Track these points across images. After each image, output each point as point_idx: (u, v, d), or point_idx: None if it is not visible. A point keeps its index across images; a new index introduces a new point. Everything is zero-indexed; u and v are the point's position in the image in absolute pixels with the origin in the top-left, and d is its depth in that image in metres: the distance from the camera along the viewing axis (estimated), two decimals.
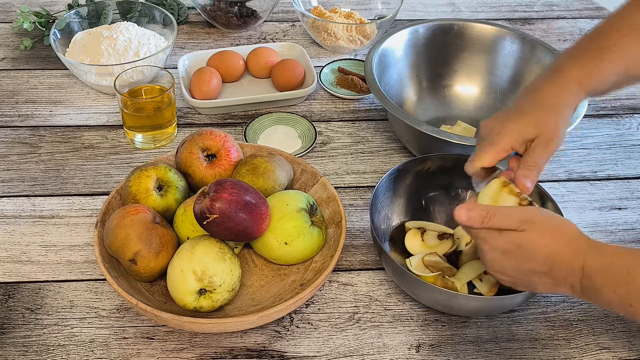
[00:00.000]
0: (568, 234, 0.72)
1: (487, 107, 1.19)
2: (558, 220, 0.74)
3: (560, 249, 0.71)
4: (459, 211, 0.74)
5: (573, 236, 0.72)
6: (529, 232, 0.72)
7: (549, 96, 0.81)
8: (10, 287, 0.90)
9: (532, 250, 0.72)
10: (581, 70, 0.81)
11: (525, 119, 0.80)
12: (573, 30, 1.45)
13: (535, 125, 0.79)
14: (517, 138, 0.79)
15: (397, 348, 0.85)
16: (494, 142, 0.80)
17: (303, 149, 1.11)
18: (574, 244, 0.71)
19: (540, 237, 0.71)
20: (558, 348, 0.86)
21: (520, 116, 0.80)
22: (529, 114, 0.80)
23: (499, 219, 0.73)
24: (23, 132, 1.14)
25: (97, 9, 1.31)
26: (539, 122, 0.79)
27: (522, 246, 0.72)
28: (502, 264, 0.74)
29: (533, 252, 0.72)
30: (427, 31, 1.19)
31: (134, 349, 0.84)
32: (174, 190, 0.91)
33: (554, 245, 0.71)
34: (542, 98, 0.81)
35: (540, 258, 0.71)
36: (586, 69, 0.81)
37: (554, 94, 0.81)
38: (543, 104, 0.81)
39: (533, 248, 0.71)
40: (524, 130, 0.79)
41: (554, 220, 0.74)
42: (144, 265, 0.83)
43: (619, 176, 1.11)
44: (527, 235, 0.72)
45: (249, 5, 1.36)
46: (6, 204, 1.02)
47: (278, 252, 0.88)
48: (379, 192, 0.92)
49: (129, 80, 1.12)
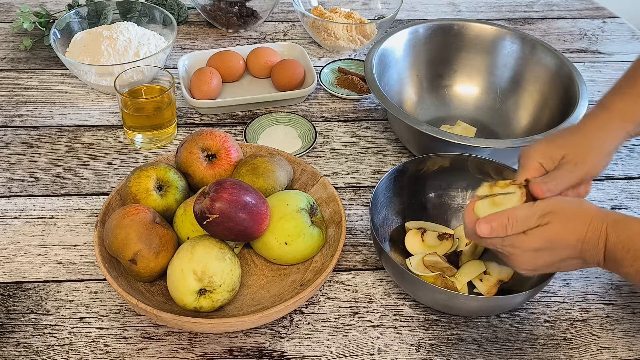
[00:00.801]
0: (589, 215, 0.73)
1: (487, 107, 1.19)
2: (575, 203, 0.75)
3: (585, 231, 0.72)
4: (481, 227, 0.74)
5: (594, 215, 0.73)
6: (554, 224, 0.72)
7: (583, 123, 0.82)
8: (10, 287, 0.90)
9: (561, 241, 0.73)
10: (622, 102, 0.82)
11: (552, 142, 0.80)
12: (573, 30, 1.45)
13: (562, 146, 0.79)
14: (542, 156, 0.79)
15: (397, 348, 0.85)
16: (521, 164, 0.80)
17: (303, 149, 1.11)
18: (596, 224, 0.72)
19: (565, 225, 0.72)
20: (558, 348, 0.86)
21: (548, 139, 0.81)
22: (558, 137, 0.81)
23: (522, 221, 0.73)
24: (23, 132, 1.14)
25: (97, 9, 1.31)
26: (565, 144, 0.79)
27: (552, 239, 0.73)
28: (536, 263, 0.75)
29: (563, 241, 0.73)
30: (427, 31, 1.19)
31: (134, 349, 0.84)
32: (174, 190, 0.91)
33: (579, 229, 0.72)
34: (575, 126, 0.83)
35: (570, 245, 0.73)
36: (628, 100, 0.82)
37: (588, 122, 0.82)
38: (574, 130, 0.82)
39: (562, 238, 0.72)
40: (549, 149, 0.79)
41: (571, 204, 0.75)
42: (144, 265, 0.83)
43: (619, 176, 1.11)
44: (553, 228, 0.72)
45: (249, 5, 1.36)
46: (6, 204, 1.02)
47: (278, 252, 0.88)
48: (379, 192, 0.92)
49: (129, 80, 1.12)
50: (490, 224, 0.74)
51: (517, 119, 1.16)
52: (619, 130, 0.82)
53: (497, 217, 0.74)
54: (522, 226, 0.73)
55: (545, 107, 1.13)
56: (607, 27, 1.47)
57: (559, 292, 0.92)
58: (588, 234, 0.72)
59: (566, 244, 0.73)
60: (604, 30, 1.45)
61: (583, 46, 1.41)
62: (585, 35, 1.44)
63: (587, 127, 0.82)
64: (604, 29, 1.46)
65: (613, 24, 1.48)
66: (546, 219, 0.72)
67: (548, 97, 1.13)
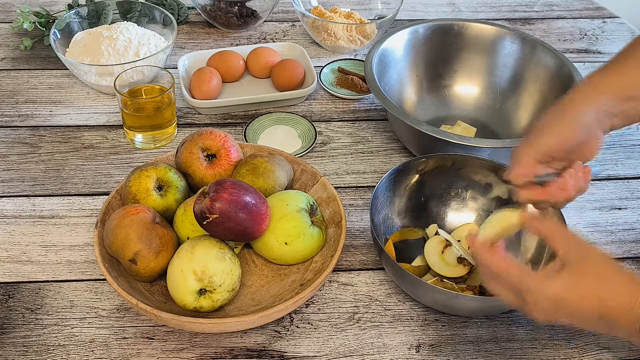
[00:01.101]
0: (625, 279, 0.67)
1: (487, 107, 1.19)
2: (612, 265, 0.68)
3: (614, 299, 0.66)
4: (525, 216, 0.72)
5: (631, 282, 0.66)
6: (578, 278, 0.67)
7: (562, 104, 0.79)
8: (10, 287, 0.90)
9: (581, 301, 0.67)
10: (601, 75, 0.79)
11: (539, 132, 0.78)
12: (573, 30, 1.45)
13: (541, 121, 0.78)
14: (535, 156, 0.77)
15: (397, 348, 0.85)
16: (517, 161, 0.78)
17: (303, 149, 1.11)
18: (630, 293, 0.65)
19: (590, 285, 0.67)
20: (558, 348, 0.86)
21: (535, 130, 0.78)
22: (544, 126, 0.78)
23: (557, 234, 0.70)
24: (23, 132, 1.14)
25: (97, 9, 1.31)
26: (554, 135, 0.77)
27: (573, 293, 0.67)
28: (555, 316, 0.69)
29: (582, 303, 0.67)
30: (427, 31, 1.19)
31: (134, 349, 0.84)
32: (174, 190, 0.91)
33: (604, 297, 0.66)
34: (556, 108, 0.79)
35: (590, 312, 0.67)
36: (607, 73, 0.79)
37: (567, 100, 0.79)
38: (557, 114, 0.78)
39: (581, 298, 0.67)
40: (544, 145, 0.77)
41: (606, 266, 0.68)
42: (144, 265, 0.83)
43: (619, 176, 1.11)
44: (576, 285, 0.67)
45: (249, 5, 1.36)
46: (6, 204, 1.02)
47: (278, 252, 0.88)
48: (379, 192, 0.92)
49: (129, 80, 1.12)
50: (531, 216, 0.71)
51: (517, 119, 1.16)
52: (591, 100, 0.78)
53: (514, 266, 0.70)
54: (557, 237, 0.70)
55: (545, 107, 1.13)
56: (607, 27, 1.47)
57: None
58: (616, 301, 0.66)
59: (583, 315, 0.67)
60: (604, 30, 1.45)
61: (583, 46, 1.41)
62: (585, 35, 1.44)
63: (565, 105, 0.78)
64: (604, 29, 1.46)
65: (613, 24, 1.48)
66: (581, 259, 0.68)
67: (548, 97, 1.13)
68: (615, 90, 0.78)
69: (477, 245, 0.74)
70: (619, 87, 0.78)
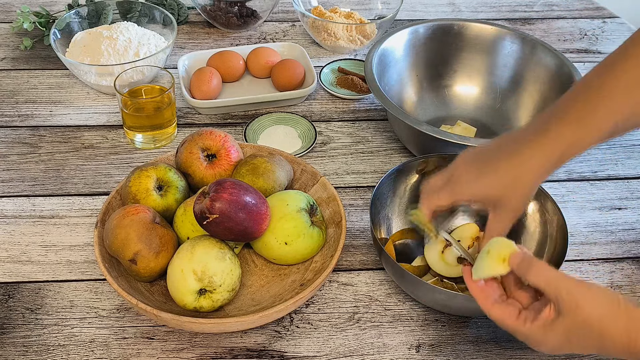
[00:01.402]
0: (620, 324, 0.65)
1: (487, 107, 1.19)
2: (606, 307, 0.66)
3: (612, 347, 0.66)
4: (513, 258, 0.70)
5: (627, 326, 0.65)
6: (575, 329, 0.66)
7: (530, 157, 0.73)
8: (10, 287, 0.90)
9: (581, 348, 0.68)
10: (568, 137, 0.72)
11: (496, 177, 0.74)
12: (573, 30, 1.45)
13: (496, 190, 0.74)
14: (471, 196, 0.75)
15: (397, 348, 0.85)
16: (454, 190, 0.76)
17: (303, 149, 1.11)
18: (627, 340, 0.65)
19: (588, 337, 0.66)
20: None
21: (494, 172, 0.74)
22: (501, 172, 0.74)
23: (543, 277, 0.68)
24: (23, 132, 1.14)
25: (97, 9, 1.31)
26: (498, 187, 0.74)
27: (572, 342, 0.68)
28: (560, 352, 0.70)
29: (583, 348, 0.68)
30: (427, 31, 1.19)
31: (134, 349, 0.84)
32: (174, 190, 0.91)
33: (603, 346, 0.66)
34: (521, 156, 0.73)
35: (592, 351, 0.68)
36: (573, 136, 0.71)
37: (533, 155, 0.73)
38: (518, 164, 0.73)
39: (581, 346, 0.68)
40: (489, 191, 0.75)
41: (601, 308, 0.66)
42: (144, 265, 0.83)
43: (619, 176, 1.11)
44: (573, 336, 0.67)
45: (249, 5, 1.36)
46: (6, 204, 1.02)
47: (278, 252, 0.88)
48: (379, 192, 0.92)
49: (129, 80, 1.12)
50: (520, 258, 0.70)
51: (517, 119, 1.16)
52: (555, 164, 0.73)
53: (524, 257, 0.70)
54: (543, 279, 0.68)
55: (545, 107, 1.11)
56: (607, 27, 1.47)
57: None
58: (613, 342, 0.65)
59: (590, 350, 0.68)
60: (604, 30, 1.46)
61: (583, 46, 1.41)
62: (585, 35, 1.44)
63: (530, 162, 0.73)
64: (604, 29, 1.46)
65: (613, 24, 1.48)
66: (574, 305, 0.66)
67: (548, 97, 1.13)
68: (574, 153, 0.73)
69: (470, 283, 0.74)
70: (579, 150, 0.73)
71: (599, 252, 0.98)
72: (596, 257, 0.98)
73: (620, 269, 0.96)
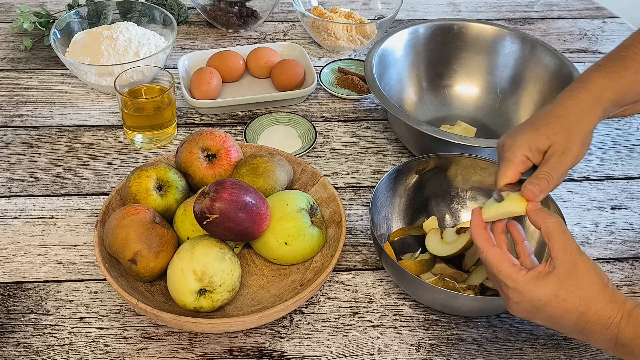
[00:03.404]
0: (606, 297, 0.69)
1: (487, 107, 1.19)
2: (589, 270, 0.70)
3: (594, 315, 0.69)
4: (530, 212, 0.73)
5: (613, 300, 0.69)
6: (566, 286, 0.69)
7: (565, 106, 0.78)
8: (10, 287, 0.90)
9: (563, 310, 0.69)
10: (603, 79, 0.78)
11: (537, 130, 0.77)
12: (573, 30, 1.45)
13: (547, 135, 0.76)
14: (528, 149, 0.77)
15: (397, 348, 0.85)
16: (506, 158, 0.78)
17: (303, 149, 1.11)
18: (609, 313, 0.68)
19: (575, 297, 0.69)
20: (558, 348, 0.86)
21: (532, 127, 0.78)
22: (542, 125, 0.77)
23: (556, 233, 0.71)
24: (23, 132, 1.14)
25: (97, 9, 1.31)
26: (551, 132, 0.76)
27: (558, 300, 0.69)
28: (534, 316, 0.72)
29: (564, 312, 0.70)
30: (427, 31, 1.19)
31: (134, 349, 0.84)
32: (174, 190, 0.91)
33: (586, 311, 0.69)
34: (557, 108, 0.79)
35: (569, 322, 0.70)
36: (609, 78, 0.78)
37: (570, 104, 0.78)
38: (557, 114, 0.78)
39: (563, 308, 0.69)
40: (535, 140, 0.77)
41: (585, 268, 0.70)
42: (144, 265, 0.83)
43: (619, 176, 1.11)
44: (563, 293, 0.69)
45: (249, 5, 1.36)
46: (6, 204, 1.02)
47: (278, 252, 0.88)
48: (379, 192, 0.92)
49: (129, 80, 1.12)
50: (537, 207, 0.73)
51: (517, 119, 1.16)
52: (597, 109, 0.78)
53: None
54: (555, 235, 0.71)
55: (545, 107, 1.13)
56: (607, 27, 1.47)
57: None
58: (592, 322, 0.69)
59: (561, 323, 0.70)
60: (604, 30, 1.46)
61: (583, 46, 1.41)
62: (585, 35, 1.44)
63: (569, 109, 0.78)
64: (604, 29, 1.46)
65: (613, 24, 1.48)
66: (572, 264, 0.69)
67: (548, 97, 1.13)
68: (614, 95, 0.78)
69: (477, 221, 0.76)
70: (617, 91, 0.78)
71: (599, 252, 0.98)
72: (596, 257, 0.98)
73: (620, 269, 0.96)
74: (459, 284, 0.88)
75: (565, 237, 0.71)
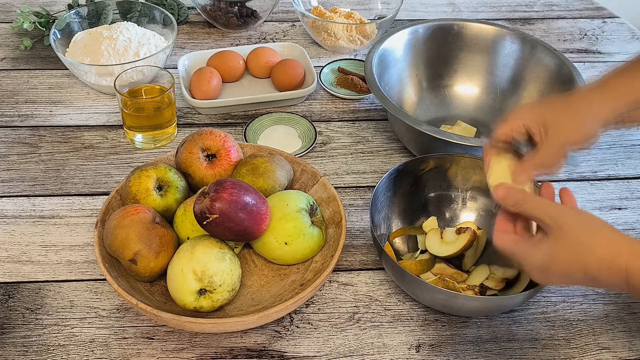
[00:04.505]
0: (603, 243, 0.70)
1: (487, 107, 1.19)
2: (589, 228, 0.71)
3: (596, 264, 0.69)
4: (498, 189, 0.76)
5: (609, 244, 0.70)
6: (559, 247, 0.71)
7: (575, 92, 0.81)
8: (10, 287, 0.90)
9: (566, 268, 0.71)
10: (619, 78, 0.80)
11: (540, 103, 0.81)
12: (573, 30, 1.45)
13: (546, 109, 0.79)
14: (526, 117, 0.79)
15: (397, 348, 0.85)
16: (505, 118, 0.80)
17: (303, 149, 1.11)
18: (610, 257, 0.69)
19: (571, 254, 0.70)
20: (558, 348, 0.86)
21: (538, 102, 0.81)
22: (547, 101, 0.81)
23: (531, 206, 0.74)
24: (23, 132, 1.14)
25: (97, 9, 1.31)
26: (550, 107, 0.79)
27: (556, 262, 0.71)
28: (547, 280, 0.74)
29: (567, 269, 0.71)
30: (427, 31, 1.19)
31: (134, 349, 0.84)
32: (174, 190, 0.91)
33: (587, 263, 0.69)
34: (568, 94, 0.82)
35: (577, 276, 0.71)
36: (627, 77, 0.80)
37: (581, 92, 0.82)
38: (565, 98, 0.81)
39: (566, 266, 0.71)
40: (534, 110, 0.79)
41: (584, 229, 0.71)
42: (144, 265, 0.83)
43: (619, 176, 1.11)
44: (558, 254, 0.70)
45: (249, 5, 1.36)
46: (6, 204, 1.02)
47: (278, 252, 0.88)
48: (379, 192, 0.92)
49: (129, 80, 1.12)
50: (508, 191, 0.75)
51: None
52: (607, 101, 0.79)
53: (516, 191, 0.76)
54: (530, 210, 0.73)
55: None
56: (607, 27, 1.47)
57: (559, 292, 0.92)
58: (600, 268, 0.69)
59: (572, 272, 0.71)
60: (604, 30, 1.46)
61: (583, 46, 1.41)
62: (585, 35, 1.44)
63: (575, 95, 0.82)
64: (604, 29, 1.46)
65: (613, 24, 1.48)
66: (556, 228, 0.71)
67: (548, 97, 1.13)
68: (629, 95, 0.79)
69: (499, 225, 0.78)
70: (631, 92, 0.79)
71: None
72: None
73: None
74: (459, 284, 0.88)
75: (541, 206, 0.73)
